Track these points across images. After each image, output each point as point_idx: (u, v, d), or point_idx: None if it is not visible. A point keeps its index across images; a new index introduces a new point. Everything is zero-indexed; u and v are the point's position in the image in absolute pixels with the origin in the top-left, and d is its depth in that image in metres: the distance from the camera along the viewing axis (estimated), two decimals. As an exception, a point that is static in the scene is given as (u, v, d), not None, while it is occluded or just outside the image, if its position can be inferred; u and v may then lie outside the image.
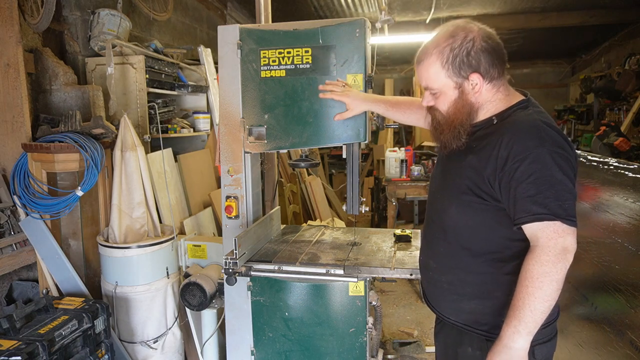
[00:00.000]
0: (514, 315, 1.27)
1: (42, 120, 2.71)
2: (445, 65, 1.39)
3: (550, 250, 1.24)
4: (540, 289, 1.24)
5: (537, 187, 1.25)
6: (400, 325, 3.71)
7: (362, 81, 1.92)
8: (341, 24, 1.90)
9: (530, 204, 1.25)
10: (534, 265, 1.26)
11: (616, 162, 2.25)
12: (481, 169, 1.35)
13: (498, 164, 1.31)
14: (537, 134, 1.29)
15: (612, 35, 7.55)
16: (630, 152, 5.04)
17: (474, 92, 1.40)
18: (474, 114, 1.44)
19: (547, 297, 1.24)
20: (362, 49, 1.90)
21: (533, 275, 1.25)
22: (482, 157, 1.36)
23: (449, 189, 1.47)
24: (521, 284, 1.27)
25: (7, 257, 2.46)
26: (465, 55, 1.36)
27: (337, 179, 9.03)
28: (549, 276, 1.24)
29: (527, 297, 1.25)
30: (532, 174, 1.25)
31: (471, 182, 1.38)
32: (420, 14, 6.19)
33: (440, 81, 1.42)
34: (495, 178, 1.32)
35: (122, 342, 2.63)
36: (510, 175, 1.28)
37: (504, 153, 1.30)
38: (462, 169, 1.42)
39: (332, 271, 1.87)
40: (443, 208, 1.49)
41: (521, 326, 1.26)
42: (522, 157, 1.27)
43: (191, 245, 2.61)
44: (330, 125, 1.95)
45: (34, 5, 2.70)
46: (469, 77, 1.39)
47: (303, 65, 1.93)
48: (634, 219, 2.00)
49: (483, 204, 1.37)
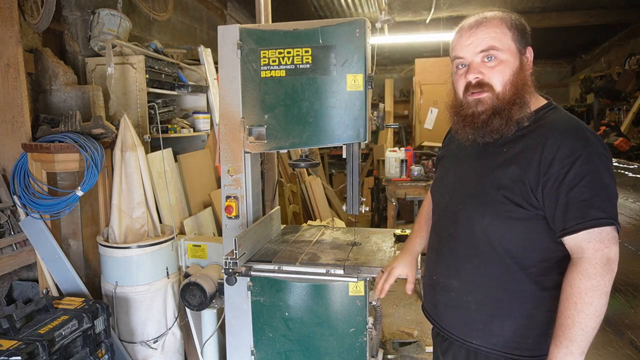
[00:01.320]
0: (564, 336, 1.18)
1: (42, 120, 2.71)
2: (512, 29, 1.30)
3: (597, 262, 1.16)
4: (590, 305, 1.15)
5: (591, 190, 1.16)
6: (400, 325, 3.71)
7: (362, 81, 1.92)
8: (341, 24, 1.90)
9: (586, 208, 1.16)
10: (580, 279, 1.16)
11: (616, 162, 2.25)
12: (520, 174, 1.24)
13: (542, 167, 1.21)
14: (584, 135, 1.21)
15: (612, 35, 7.55)
16: (630, 152, 5.04)
17: (529, 67, 1.32)
18: (527, 96, 1.30)
19: (598, 312, 1.16)
20: (362, 49, 1.89)
21: (581, 290, 1.16)
22: (520, 161, 1.25)
23: (479, 197, 1.33)
24: (568, 301, 1.17)
25: (7, 257, 2.46)
26: (524, 28, 1.32)
27: (337, 179, 9.03)
28: (598, 290, 1.15)
29: (576, 315, 1.16)
30: (585, 177, 1.17)
31: (507, 190, 1.26)
32: (420, 14, 6.19)
33: (506, 42, 1.29)
34: (538, 183, 1.22)
35: (122, 342, 2.63)
36: (559, 179, 1.19)
37: (549, 155, 1.20)
38: (497, 176, 1.30)
39: (332, 271, 1.87)
40: (472, 220, 1.35)
41: (573, 347, 1.17)
42: (573, 159, 1.18)
43: (191, 245, 2.60)
44: (330, 125, 1.95)
45: (34, 5, 2.70)
46: (526, 50, 1.32)
47: (303, 65, 1.93)
48: (634, 219, 2.00)
49: (522, 213, 1.26)
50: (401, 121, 9.45)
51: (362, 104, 1.92)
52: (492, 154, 1.34)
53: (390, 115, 8.77)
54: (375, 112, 2.12)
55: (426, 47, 7.90)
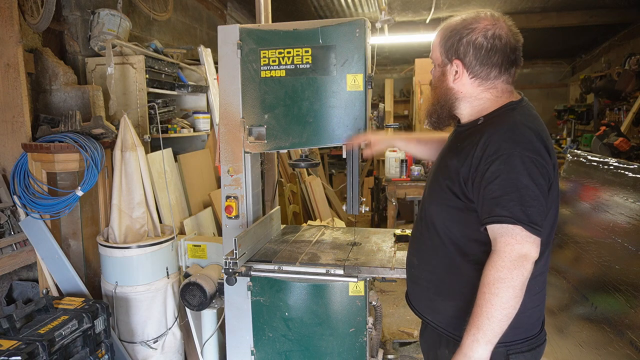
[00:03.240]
0: (473, 323, 1.23)
1: (42, 120, 2.71)
2: (442, 42, 1.43)
3: (506, 256, 1.21)
4: (496, 296, 1.20)
5: (502, 189, 1.23)
6: (400, 325, 3.71)
7: (362, 81, 1.92)
8: (341, 24, 1.90)
9: (493, 205, 1.23)
10: (490, 270, 1.22)
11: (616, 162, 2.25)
12: (459, 168, 1.34)
13: (473, 163, 1.30)
14: (512, 136, 1.27)
15: (612, 35, 7.54)
16: (630, 152, 5.03)
17: (454, 78, 1.42)
18: (454, 101, 1.45)
19: (505, 304, 1.19)
20: (362, 49, 1.90)
21: (490, 281, 1.21)
22: (460, 156, 1.36)
23: (434, 187, 1.48)
24: (480, 290, 1.24)
25: (7, 257, 2.46)
26: (457, 40, 1.39)
27: (337, 179, 9.04)
28: (505, 282, 1.19)
29: (484, 304, 1.21)
30: (499, 176, 1.23)
31: (450, 180, 1.37)
32: (420, 14, 6.19)
33: (435, 54, 1.48)
34: (469, 177, 1.32)
35: (122, 342, 2.63)
36: (482, 175, 1.27)
37: (479, 153, 1.29)
38: (445, 168, 1.42)
39: (332, 271, 1.87)
40: (427, 205, 1.49)
41: (480, 334, 1.22)
42: (494, 158, 1.25)
43: (191, 245, 2.60)
44: (330, 125, 1.95)
45: (34, 5, 2.69)
46: (452, 62, 1.41)
47: (303, 65, 1.93)
48: (634, 219, 2.00)
49: (459, 204, 1.36)
50: (401, 121, 9.43)
51: (362, 104, 1.93)
52: (450, 147, 1.48)
53: (390, 115, 8.76)
54: (375, 112, 2.13)
55: (426, 47, 7.83)
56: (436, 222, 1.44)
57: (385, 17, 3.83)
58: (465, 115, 1.46)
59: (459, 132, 1.49)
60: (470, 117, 1.45)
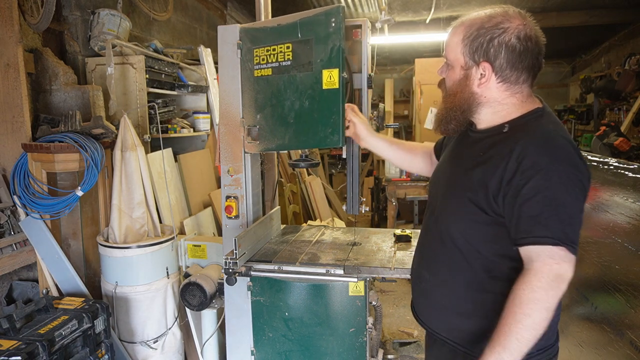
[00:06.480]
0: (499, 342, 1.18)
1: (42, 120, 2.71)
2: (465, 41, 1.30)
3: (543, 276, 1.15)
4: (529, 317, 1.14)
5: (541, 207, 1.16)
6: (400, 325, 3.71)
7: (337, 77, 1.73)
8: (317, 15, 1.74)
9: (532, 224, 1.17)
10: (524, 290, 1.16)
11: (616, 162, 2.25)
12: (486, 180, 1.25)
13: (505, 176, 1.21)
14: (551, 150, 1.20)
15: (612, 35, 7.55)
16: (630, 152, 5.04)
17: (480, 82, 1.31)
18: (475, 106, 1.34)
19: (536, 325, 1.15)
20: (339, 41, 1.72)
21: (522, 300, 1.16)
22: (488, 167, 1.27)
23: (451, 198, 1.38)
24: (509, 309, 1.18)
25: (7, 257, 2.46)
26: (488, 41, 1.27)
27: (337, 179, 9.04)
28: (539, 304, 1.14)
29: (513, 324, 1.16)
30: (539, 193, 1.17)
31: (473, 193, 1.28)
32: (420, 14, 6.18)
33: (454, 54, 1.34)
34: (499, 191, 1.23)
35: (122, 342, 2.63)
36: (517, 190, 1.19)
37: (513, 166, 1.20)
38: (466, 178, 1.32)
39: (332, 271, 1.87)
40: (443, 218, 1.40)
41: (505, 354, 1.16)
42: (532, 173, 1.18)
43: (191, 245, 2.60)
44: (309, 127, 1.83)
45: (34, 5, 2.69)
46: (479, 64, 1.29)
47: (285, 62, 1.82)
48: (634, 219, 2.00)
49: (485, 218, 1.28)
50: (401, 121, 9.43)
51: (338, 103, 1.75)
52: (469, 156, 1.36)
53: (390, 115, 8.76)
54: (375, 112, 2.12)
55: (426, 47, 7.90)
56: (456, 237, 1.35)
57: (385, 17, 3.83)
58: (484, 121, 1.37)
59: (476, 139, 1.39)
60: (490, 123, 1.35)
